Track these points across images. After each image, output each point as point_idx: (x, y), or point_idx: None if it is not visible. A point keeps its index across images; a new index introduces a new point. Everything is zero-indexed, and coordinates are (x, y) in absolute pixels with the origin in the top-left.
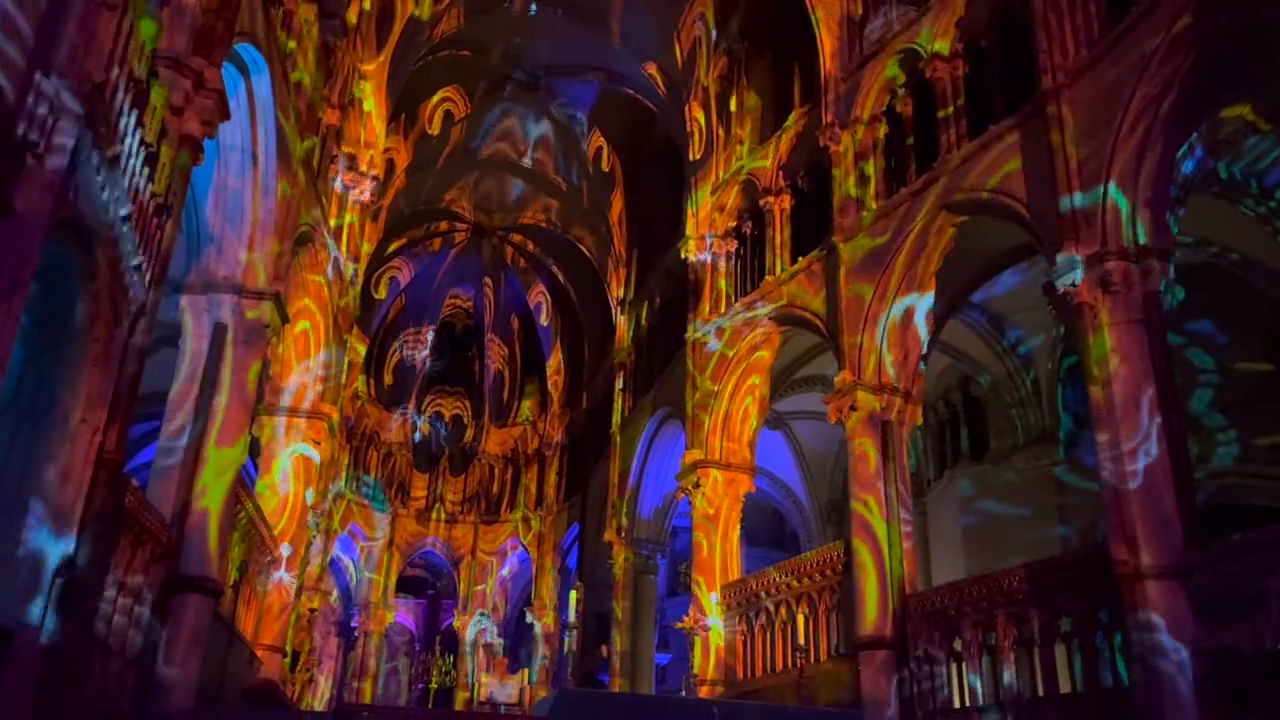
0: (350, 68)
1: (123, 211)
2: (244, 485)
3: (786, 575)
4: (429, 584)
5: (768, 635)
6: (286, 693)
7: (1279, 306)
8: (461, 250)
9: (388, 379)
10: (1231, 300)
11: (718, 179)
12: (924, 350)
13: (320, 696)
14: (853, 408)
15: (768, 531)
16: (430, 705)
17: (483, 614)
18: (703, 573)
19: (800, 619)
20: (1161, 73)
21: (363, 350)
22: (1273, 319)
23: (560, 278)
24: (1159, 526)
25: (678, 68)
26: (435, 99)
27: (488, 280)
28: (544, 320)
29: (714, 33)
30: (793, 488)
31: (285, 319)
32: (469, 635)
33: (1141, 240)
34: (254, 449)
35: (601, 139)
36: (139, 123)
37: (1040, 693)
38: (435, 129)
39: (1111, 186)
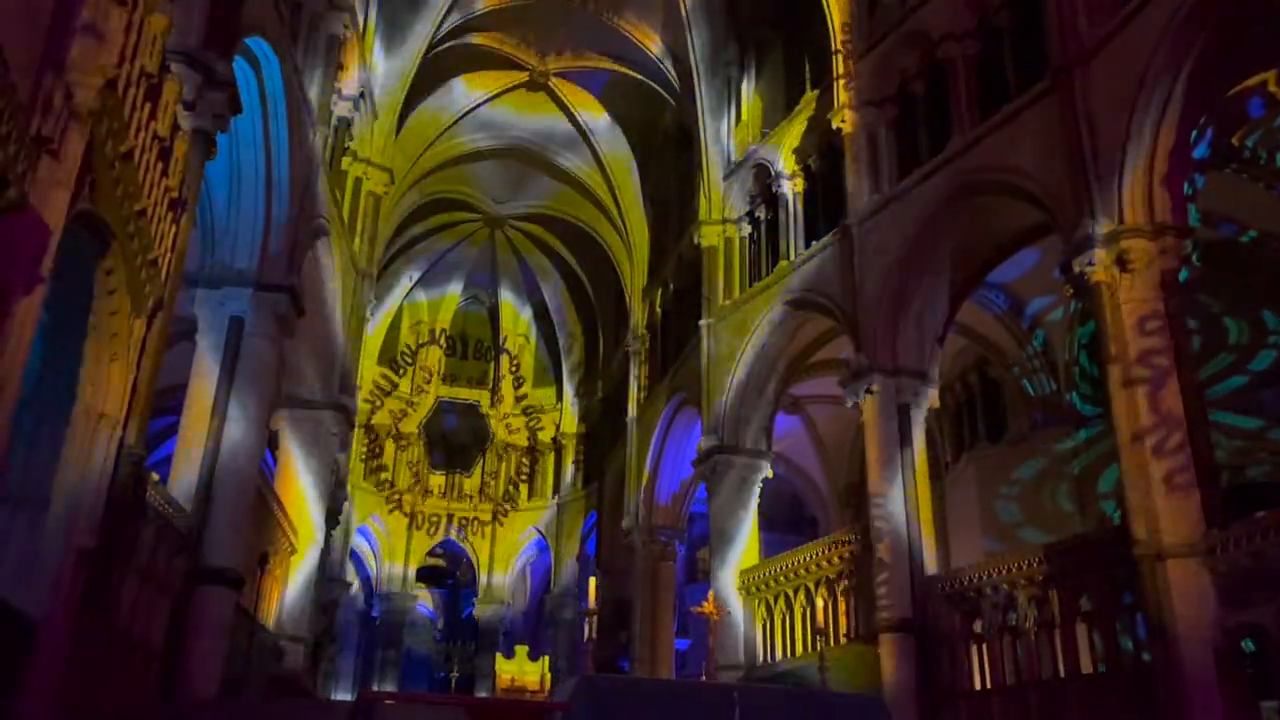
0: (361, 59)
1: (137, 206)
2: (263, 477)
3: (805, 559)
4: (449, 573)
5: (787, 619)
6: (308, 682)
7: None
8: (475, 240)
9: (404, 369)
10: (1253, 277)
11: (730, 163)
12: (940, 332)
13: (341, 685)
14: (869, 391)
15: (785, 516)
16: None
17: (502, 602)
18: (720, 558)
19: (819, 603)
20: (1178, 45)
21: (379, 341)
22: None
23: (574, 265)
24: (1179, 505)
25: (688, 53)
26: (447, 89)
27: (502, 269)
28: (558, 308)
29: (725, 16)
30: (810, 472)
31: (301, 311)
32: (489, 623)
33: (1159, 218)
34: (272, 441)
35: (613, 126)
36: (152, 117)
37: (1062, 673)
38: (448, 119)
39: (1128, 163)
